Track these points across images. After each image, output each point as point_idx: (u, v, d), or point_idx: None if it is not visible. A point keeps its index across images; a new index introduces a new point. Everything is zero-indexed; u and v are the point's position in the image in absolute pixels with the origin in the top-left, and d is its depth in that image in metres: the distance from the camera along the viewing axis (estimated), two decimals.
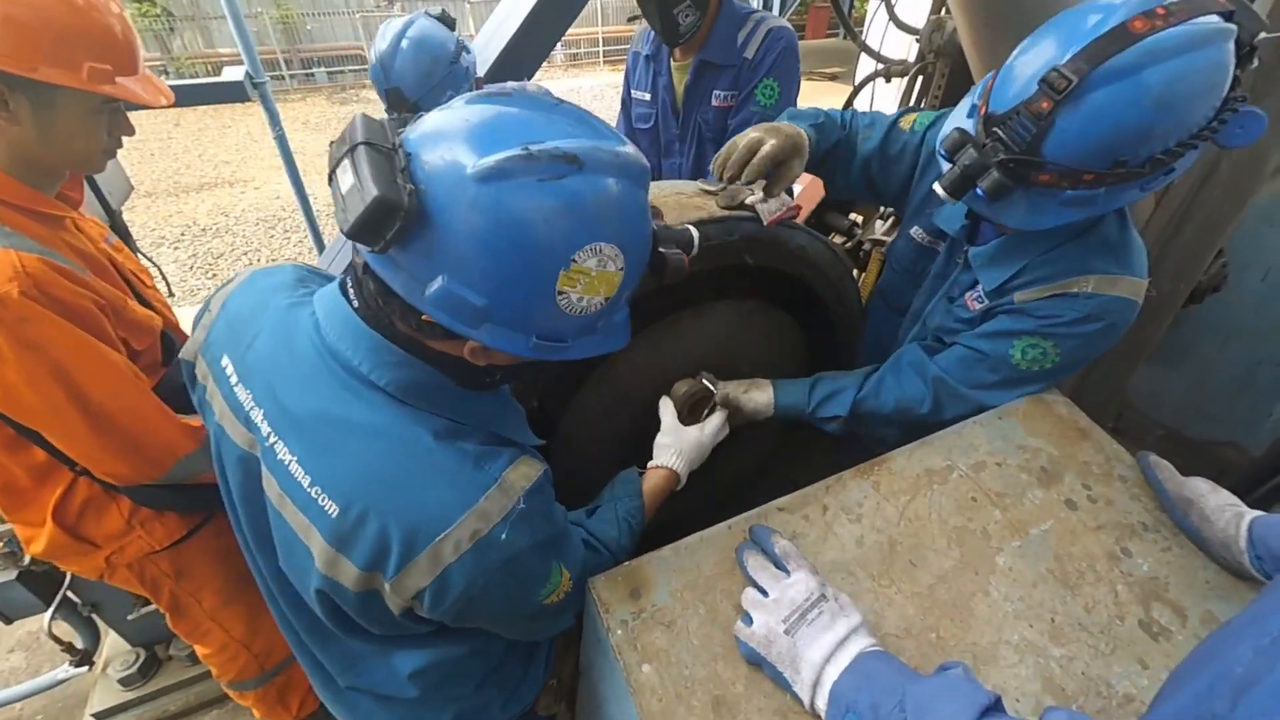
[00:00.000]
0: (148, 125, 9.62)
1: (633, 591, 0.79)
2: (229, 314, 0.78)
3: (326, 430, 0.65)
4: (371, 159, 0.53)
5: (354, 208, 0.52)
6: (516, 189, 0.54)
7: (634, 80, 2.08)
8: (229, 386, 0.73)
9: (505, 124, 0.56)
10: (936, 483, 0.94)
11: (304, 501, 0.65)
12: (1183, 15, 0.73)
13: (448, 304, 0.57)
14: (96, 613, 1.85)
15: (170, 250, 5.75)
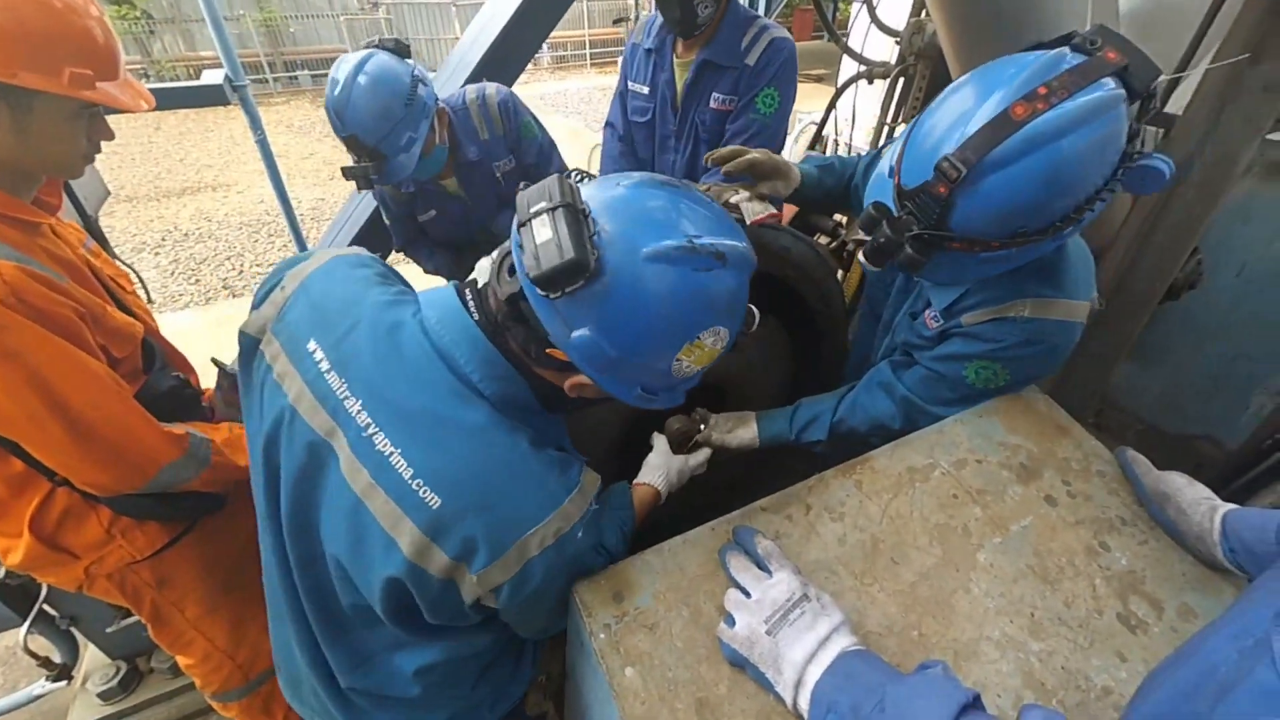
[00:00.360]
0: (128, 129, 9.49)
1: (615, 594, 0.78)
2: (312, 297, 0.78)
3: (433, 428, 0.69)
4: (571, 222, 0.61)
5: (548, 260, 0.60)
6: (676, 273, 0.64)
7: (632, 73, 2.07)
8: (316, 372, 0.74)
9: (674, 213, 0.67)
10: (918, 481, 0.95)
11: (401, 492, 0.68)
12: (1064, 93, 0.75)
13: (587, 351, 0.66)
14: (75, 626, 1.81)
15: (151, 256, 5.67)
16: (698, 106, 1.94)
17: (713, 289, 0.67)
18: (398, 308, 0.76)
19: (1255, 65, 1.30)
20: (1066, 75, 0.76)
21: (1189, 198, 1.49)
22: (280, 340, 0.78)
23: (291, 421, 0.75)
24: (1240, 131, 1.40)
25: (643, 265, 0.63)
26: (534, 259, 0.61)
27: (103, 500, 1.20)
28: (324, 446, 0.73)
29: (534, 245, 0.62)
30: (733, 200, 1.25)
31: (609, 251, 0.63)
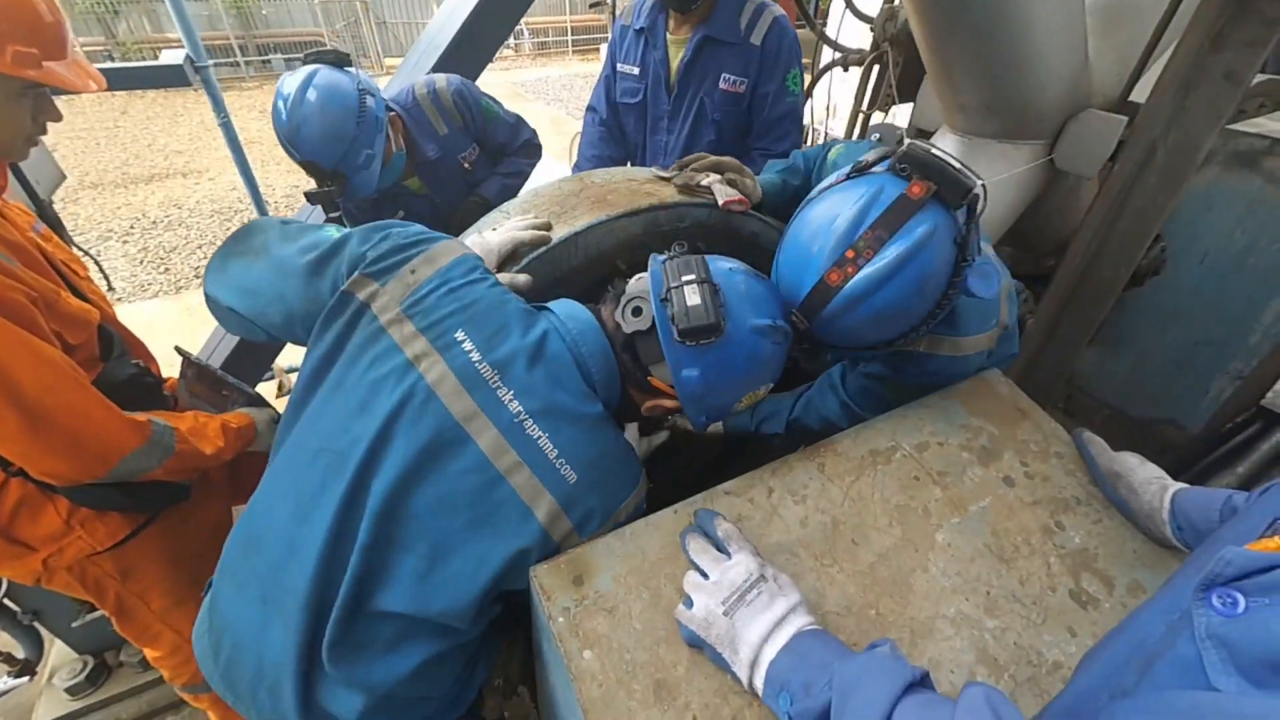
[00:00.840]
0: (93, 114, 9.18)
1: (575, 578, 0.78)
2: (455, 291, 0.88)
3: (571, 418, 0.85)
4: (713, 295, 0.82)
5: (696, 320, 0.80)
6: (766, 344, 0.87)
7: (620, 55, 2.03)
8: (465, 360, 0.84)
9: (767, 297, 0.90)
10: (880, 463, 0.96)
11: (545, 469, 0.82)
12: (870, 252, 0.83)
13: (688, 385, 0.85)
14: (39, 620, 1.77)
15: (119, 244, 5.51)
16: (702, 86, 1.89)
17: (779, 356, 0.91)
18: (539, 317, 0.92)
19: (1217, 53, 1.32)
20: (870, 232, 0.83)
21: (1152, 185, 1.51)
22: (417, 324, 0.85)
23: (426, 401, 0.82)
24: (1202, 119, 1.42)
25: (748, 334, 0.85)
26: (684, 317, 0.81)
27: (60, 490, 1.17)
28: (457, 429, 0.82)
29: (685, 306, 0.81)
30: (705, 182, 1.24)
31: (730, 321, 0.83)
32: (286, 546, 0.84)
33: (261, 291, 0.95)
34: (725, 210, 1.23)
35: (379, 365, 0.85)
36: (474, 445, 0.82)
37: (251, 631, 0.86)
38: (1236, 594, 0.41)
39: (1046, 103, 1.57)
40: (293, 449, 0.90)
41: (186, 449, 1.22)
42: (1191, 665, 0.40)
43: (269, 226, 1.01)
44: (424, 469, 0.82)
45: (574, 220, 1.14)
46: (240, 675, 0.87)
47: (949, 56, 1.55)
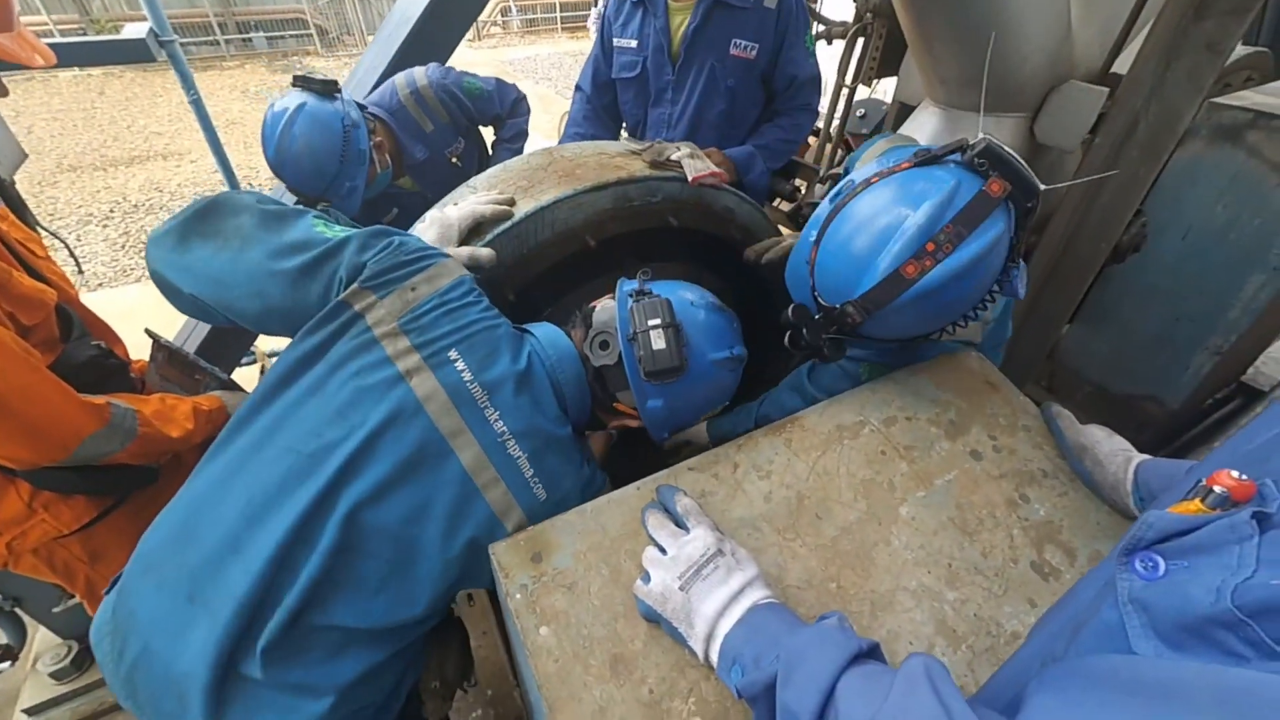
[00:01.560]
0: (69, 94, 8.96)
1: (534, 555, 0.78)
2: (452, 313, 0.90)
3: (548, 441, 0.91)
4: (676, 338, 0.90)
5: (661, 363, 0.89)
6: (724, 373, 0.98)
7: (615, 28, 1.96)
8: (458, 380, 0.87)
9: (726, 330, 1.00)
10: (847, 438, 0.95)
11: (519, 486, 0.87)
12: (950, 247, 0.80)
13: (654, 415, 0.96)
14: (20, 607, 1.77)
15: (99, 228, 5.42)
16: (711, 53, 1.81)
17: (735, 380, 1.02)
18: (524, 341, 0.96)
19: (1199, 22, 1.30)
20: (952, 227, 0.80)
21: (1134, 158, 1.49)
22: (413, 340, 0.87)
23: (414, 415, 0.85)
24: (1184, 89, 1.40)
25: (708, 367, 0.95)
26: (650, 359, 0.89)
27: (21, 474, 1.15)
28: (441, 444, 0.85)
29: (651, 350, 0.89)
30: (674, 157, 1.22)
31: (691, 358, 0.92)
32: (229, 544, 0.80)
33: (234, 284, 0.90)
34: (696, 185, 1.21)
35: (366, 375, 0.85)
36: (455, 459, 0.85)
37: (167, 634, 0.80)
38: (1157, 558, 0.40)
39: (1027, 74, 1.54)
40: (250, 446, 0.86)
41: (150, 432, 1.21)
42: (1114, 630, 0.39)
43: (243, 207, 0.93)
44: (402, 480, 0.83)
45: (541, 194, 1.12)
46: (145, 681, 0.81)
47: (929, 28, 1.52)
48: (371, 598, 0.82)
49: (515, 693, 1.86)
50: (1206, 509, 0.42)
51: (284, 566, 0.79)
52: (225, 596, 0.78)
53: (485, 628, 1.99)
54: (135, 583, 0.84)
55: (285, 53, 11.93)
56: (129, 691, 0.84)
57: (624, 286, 0.99)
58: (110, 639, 0.84)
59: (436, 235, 1.07)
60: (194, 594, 0.80)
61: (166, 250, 0.93)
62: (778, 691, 0.56)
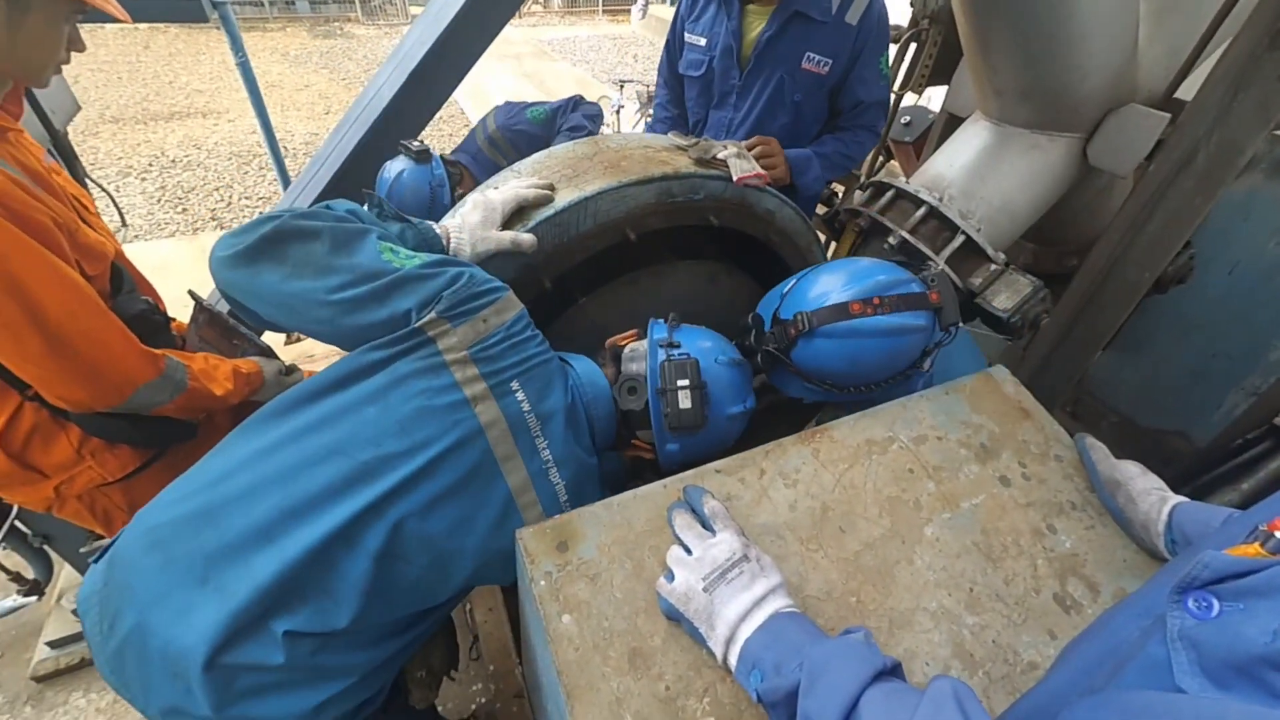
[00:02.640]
0: (115, 46, 9.09)
1: (560, 544, 0.79)
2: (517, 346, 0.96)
3: (581, 469, 0.98)
4: (703, 400, 1.00)
5: (685, 421, 0.99)
6: (736, 422, 1.09)
7: (687, 23, 1.91)
8: (518, 410, 0.93)
9: (743, 386, 1.09)
10: (876, 453, 0.95)
11: (553, 509, 0.93)
12: (887, 309, 1.04)
13: (669, 456, 1.05)
14: (49, 544, 1.83)
15: (138, 181, 5.51)
16: (781, 64, 1.74)
17: (744, 426, 1.13)
18: (567, 376, 1.03)
19: (1273, 52, 1.25)
20: (896, 298, 1.05)
21: (1188, 188, 1.45)
22: (481, 369, 0.92)
23: (475, 439, 0.90)
24: (1250, 120, 1.35)
25: (723, 420, 1.05)
26: (676, 417, 0.99)
27: (73, 419, 1.19)
28: (494, 467, 0.91)
29: (678, 409, 0.99)
30: (720, 156, 1.21)
31: (710, 411, 1.02)
32: (260, 533, 0.80)
33: (304, 311, 0.90)
34: (741, 185, 1.20)
35: (432, 397, 0.89)
36: (503, 482, 0.91)
37: (168, 611, 0.78)
38: (1212, 598, 0.40)
39: (1085, 92, 1.50)
40: (290, 441, 0.86)
41: (198, 387, 1.24)
42: (1160, 666, 0.39)
43: (313, 233, 0.91)
44: (452, 496, 0.88)
45: (584, 184, 1.12)
46: (136, 656, 0.79)
47: (989, 35, 1.48)
48: (402, 595, 0.88)
49: (516, 670, 1.89)
50: (1266, 553, 0.41)
51: (319, 561, 0.80)
52: (244, 580, 0.78)
53: (492, 604, 2.03)
54: (136, 557, 0.82)
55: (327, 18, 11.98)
56: (116, 666, 0.81)
57: (654, 333, 1.08)
58: (100, 609, 0.82)
59: (480, 218, 1.08)
60: (207, 577, 0.79)
61: (236, 272, 0.90)
62: (799, 699, 0.57)
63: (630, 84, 6.51)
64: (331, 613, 0.82)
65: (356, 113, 2.17)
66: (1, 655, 1.99)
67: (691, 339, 1.08)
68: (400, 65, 2.11)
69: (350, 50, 9.92)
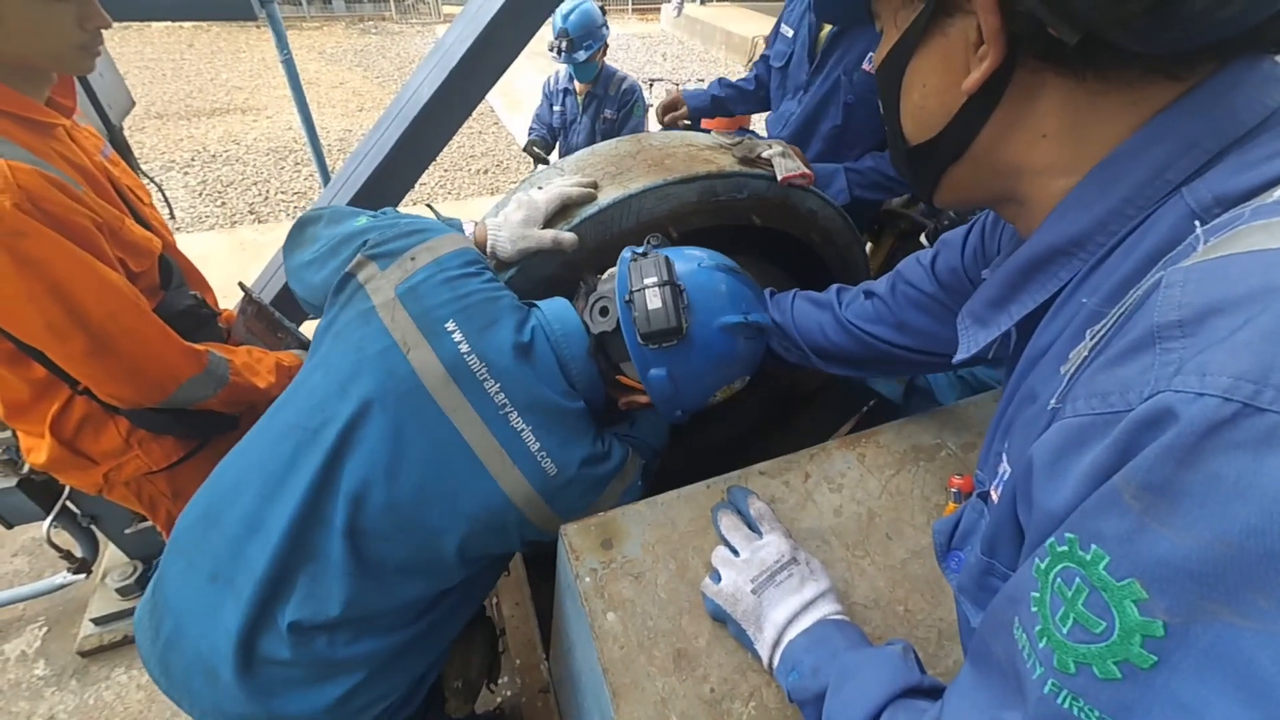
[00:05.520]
0: (160, 45, 9.38)
1: (604, 541, 0.79)
2: (451, 281, 0.87)
3: (553, 413, 0.86)
4: (674, 297, 0.84)
5: (657, 324, 0.83)
6: (735, 341, 0.91)
7: (785, 14, 1.90)
8: (455, 352, 0.84)
9: (737, 295, 0.92)
10: (923, 459, 0.93)
11: (525, 460, 0.83)
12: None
13: (657, 384, 0.89)
14: (95, 524, 1.90)
15: (180, 175, 5.68)
16: (841, 62, 1.68)
17: (752, 352, 0.95)
18: (528, 314, 0.92)
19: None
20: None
21: None
22: (409, 310, 0.84)
23: (412, 389, 0.82)
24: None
25: (714, 333, 0.88)
26: (645, 320, 0.84)
27: (121, 412, 1.23)
28: (441, 420, 0.82)
29: (646, 310, 0.83)
30: (765, 155, 1.20)
31: (695, 321, 0.86)
32: (249, 523, 0.82)
33: (304, 283, 0.98)
34: (785, 185, 1.19)
35: (365, 347, 0.84)
36: (458, 436, 0.82)
37: (196, 613, 0.83)
38: (958, 553, 0.59)
39: None
40: (264, 424, 0.89)
41: (240, 381, 1.27)
42: (964, 621, 0.54)
43: (323, 214, 1.02)
44: (404, 457, 0.81)
45: (628, 182, 1.12)
46: (177, 660, 0.84)
47: None
48: (394, 578, 0.84)
49: (542, 665, 1.90)
50: (955, 505, 0.52)
51: (298, 545, 0.80)
52: (247, 575, 0.81)
53: (519, 599, 2.04)
54: (168, 565, 0.88)
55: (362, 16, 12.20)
56: (163, 669, 0.86)
57: (625, 257, 0.93)
58: (148, 620, 0.87)
59: (524, 217, 1.08)
60: (217, 573, 0.83)
61: (292, 277, 1.02)
62: (826, 699, 0.56)
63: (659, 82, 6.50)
64: (323, 600, 0.81)
65: (396, 110, 2.20)
66: (50, 630, 2.07)
67: (673, 251, 0.94)
68: (440, 64, 2.13)
69: (384, 48, 10.09)
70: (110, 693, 1.91)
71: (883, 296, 0.90)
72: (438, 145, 2.20)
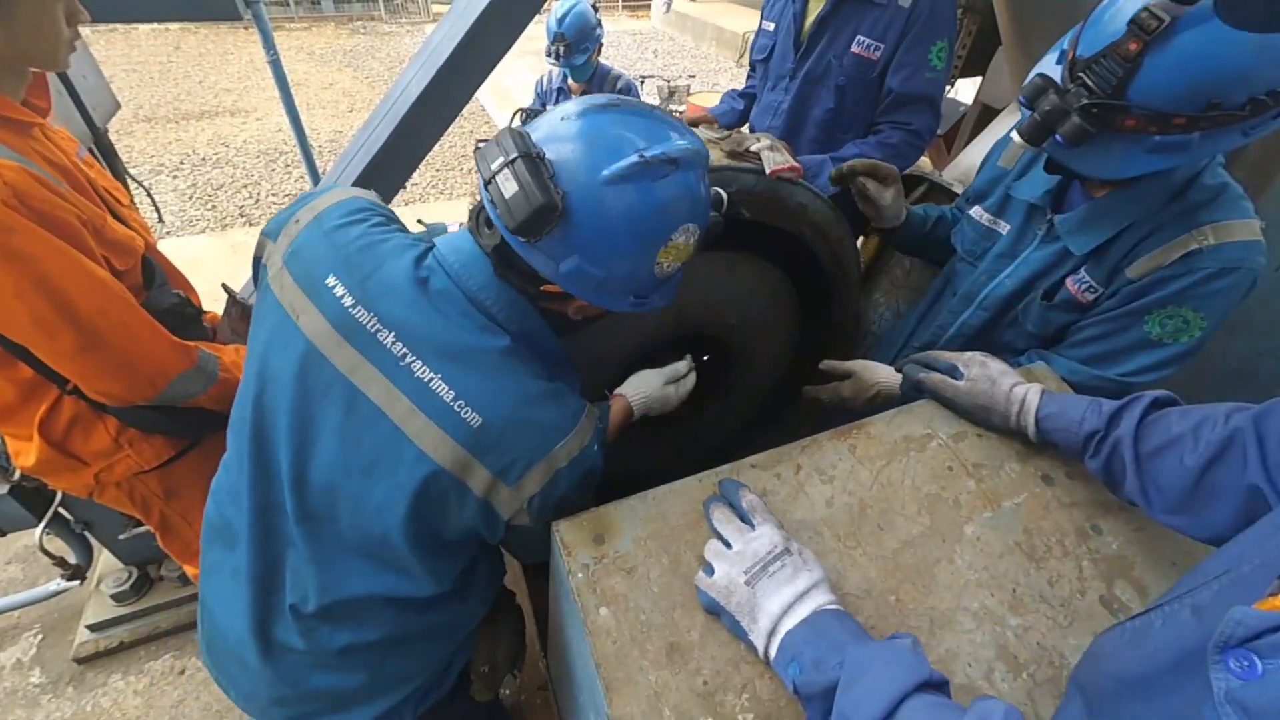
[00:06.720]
0: (147, 47, 9.30)
1: (596, 536, 0.79)
2: (329, 234, 0.81)
3: (468, 355, 0.75)
4: (531, 170, 0.67)
5: (520, 211, 0.67)
6: (635, 189, 0.70)
7: (764, 9, 1.92)
8: (338, 307, 0.76)
9: (620, 134, 0.71)
10: (914, 450, 0.93)
11: (442, 414, 0.73)
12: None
13: (576, 279, 0.74)
14: (89, 530, 1.89)
15: (169, 178, 5.64)
16: (832, 46, 1.70)
17: (672, 194, 0.72)
18: (417, 252, 0.81)
19: None
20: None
21: (1239, 179, 1.40)
22: (294, 274, 0.79)
23: (313, 359, 0.77)
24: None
25: (603, 190, 0.69)
26: (507, 213, 0.68)
27: (110, 410, 1.22)
28: (346, 384, 0.75)
29: (504, 200, 0.68)
30: (753, 148, 1.20)
31: (571, 185, 0.69)
32: (233, 516, 0.87)
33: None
34: (774, 178, 1.18)
35: (265, 323, 0.82)
36: (365, 398, 0.74)
37: (222, 606, 0.89)
38: (1252, 655, 0.40)
39: None
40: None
41: (229, 378, 1.26)
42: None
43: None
44: (319, 430, 0.77)
45: None
46: (218, 649, 0.91)
47: (1030, 22, 1.44)
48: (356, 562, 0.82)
49: (541, 662, 1.90)
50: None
51: (271, 533, 0.83)
52: (241, 564, 0.85)
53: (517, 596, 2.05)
54: (202, 561, 0.94)
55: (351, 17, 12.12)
56: (211, 659, 0.93)
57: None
58: (200, 615, 0.95)
59: None
60: (236, 569, 0.87)
61: None
62: (837, 696, 0.56)
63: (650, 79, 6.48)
64: (305, 587, 0.84)
65: (385, 109, 2.19)
66: (45, 637, 2.06)
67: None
68: (428, 62, 2.12)
69: (374, 48, 10.03)
70: (107, 699, 1.90)
71: None
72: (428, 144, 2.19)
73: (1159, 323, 1.00)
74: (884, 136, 1.73)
